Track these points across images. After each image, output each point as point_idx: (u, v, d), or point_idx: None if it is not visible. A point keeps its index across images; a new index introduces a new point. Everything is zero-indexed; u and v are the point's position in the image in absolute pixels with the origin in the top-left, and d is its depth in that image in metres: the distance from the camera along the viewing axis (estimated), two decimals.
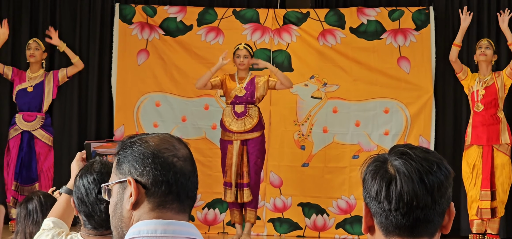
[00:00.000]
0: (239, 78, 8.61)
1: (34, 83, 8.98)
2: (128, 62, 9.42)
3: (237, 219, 8.59)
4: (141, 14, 9.46)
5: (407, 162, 1.86)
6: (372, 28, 9.26)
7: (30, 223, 3.79)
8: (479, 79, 8.53)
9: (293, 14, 9.41)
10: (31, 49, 8.96)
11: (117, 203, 1.98)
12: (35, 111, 8.96)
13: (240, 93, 8.55)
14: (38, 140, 8.90)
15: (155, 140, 1.97)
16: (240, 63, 8.56)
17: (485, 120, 8.44)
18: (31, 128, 8.91)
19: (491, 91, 8.45)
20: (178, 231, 1.90)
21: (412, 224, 1.86)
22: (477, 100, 8.49)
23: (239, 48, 8.62)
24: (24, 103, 8.95)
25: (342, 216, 9.15)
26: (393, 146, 1.94)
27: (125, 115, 9.39)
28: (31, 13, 9.63)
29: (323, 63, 9.31)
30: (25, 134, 8.90)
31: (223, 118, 8.58)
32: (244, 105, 8.53)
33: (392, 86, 9.21)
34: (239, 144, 8.45)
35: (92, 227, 2.97)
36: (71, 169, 3.26)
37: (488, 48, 8.55)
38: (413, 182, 1.84)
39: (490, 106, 8.43)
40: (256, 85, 8.57)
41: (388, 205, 1.85)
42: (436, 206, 1.87)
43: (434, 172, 1.86)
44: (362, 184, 1.92)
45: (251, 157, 8.48)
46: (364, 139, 9.23)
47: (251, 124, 8.49)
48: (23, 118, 8.93)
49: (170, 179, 1.92)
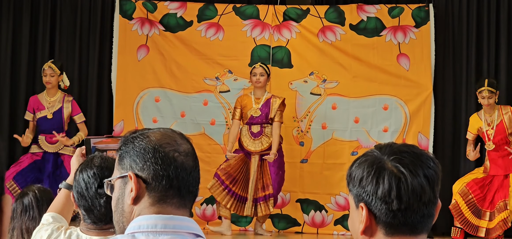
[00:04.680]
0: (256, 98, 8.75)
1: (53, 111, 8.94)
2: (128, 58, 9.43)
3: (228, 214, 8.63)
4: (141, 9, 9.46)
5: (407, 159, 1.87)
6: (372, 25, 9.26)
7: (26, 219, 3.76)
8: (485, 118, 8.54)
9: (293, 11, 9.41)
10: (47, 76, 8.86)
11: (119, 198, 1.99)
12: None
13: (255, 114, 8.71)
14: (65, 155, 8.88)
15: (157, 135, 1.98)
16: (256, 80, 8.70)
17: (499, 153, 8.49)
18: (56, 149, 8.89)
19: (500, 130, 8.48)
20: (178, 226, 1.91)
21: (419, 220, 1.87)
22: (489, 139, 8.51)
23: (256, 67, 8.77)
24: (45, 129, 8.91)
25: (341, 212, 9.16)
26: (378, 145, 1.94)
27: (124, 110, 9.39)
28: (32, 8, 9.62)
29: (322, 59, 9.32)
30: (49, 155, 8.89)
31: (241, 139, 8.73)
32: (260, 126, 8.67)
33: (392, 83, 9.22)
34: (257, 159, 8.60)
35: (91, 222, 2.97)
36: (70, 164, 3.26)
37: (490, 98, 8.44)
38: (420, 178, 1.86)
39: (501, 143, 8.48)
40: (271, 107, 8.71)
41: (398, 204, 1.84)
42: (435, 200, 1.89)
43: (432, 167, 1.88)
44: (357, 186, 1.90)
45: (272, 169, 8.61)
46: (363, 136, 9.24)
47: (268, 143, 8.65)
48: (46, 140, 8.92)
49: (171, 173, 1.93)
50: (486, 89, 8.41)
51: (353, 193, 1.92)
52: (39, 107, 8.96)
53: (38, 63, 9.50)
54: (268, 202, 8.56)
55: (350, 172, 1.93)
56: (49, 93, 9.00)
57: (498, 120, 8.48)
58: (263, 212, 8.57)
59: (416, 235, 1.88)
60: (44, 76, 8.89)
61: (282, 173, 8.76)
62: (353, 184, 1.91)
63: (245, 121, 8.74)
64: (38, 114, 8.94)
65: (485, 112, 8.56)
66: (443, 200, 1.99)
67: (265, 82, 8.75)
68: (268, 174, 8.59)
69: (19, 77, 9.45)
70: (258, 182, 8.58)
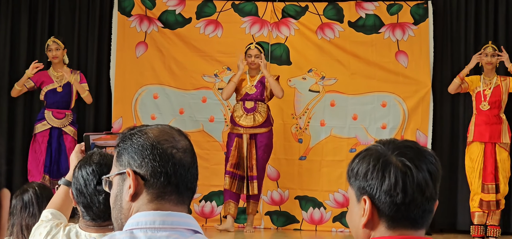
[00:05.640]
0: (250, 76, 8.82)
1: (63, 83, 9.10)
2: (126, 55, 9.43)
3: (233, 211, 8.67)
4: (140, 6, 9.46)
5: (411, 154, 1.89)
6: (371, 22, 9.26)
7: (26, 215, 3.76)
8: (485, 80, 8.66)
9: (292, 8, 9.41)
10: (52, 50, 9.05)
11: (117, 194, 1.99)
12: (64, 109, 9.08)
13: (250, 91, 8.75)
14: (67, 135, 9.05)
15: (155, 131, 1.98)
16: (251, 62, 8.74)
17: (489, 119, 8.62)
18: (61, 125, 9.04)
19: (497, 92, 8.65)
20: (176, 222, 1.91)
21: (420, 215, 1.89)
22: (484, 99, 8.64)
23: (251, 47, 8.81)
24: (54, 102, 9.07)
25: (339, 209, 9.16)
26: (381, 140, 1.95)
27: (123, 107, 9.40)
28: (31, 6, 9.61)
29: (321, 56, 9.32)
30: (55, 130, 9.03)
31: (234, 114, 8.76)
32: (254, 102, 8.70)
33: (390, 80, 9.22)
34: (247, 137, 8.59)
35: (90, 218, 2.97)
36: (70, 161, 3.27)
37: (493, 56, 8.69)
38: (424, 173, 1.87)
39: (494, 106, 8.63)
40: (266, 84, 8.74)
41: (402, 198, 1.86)
42: (436, 196, 1.91)
43: (434, 163, 1.90)
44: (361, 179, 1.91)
45: (259, 151, 8.64)
46: (361, 133, 9.24)
47: (260, 120, 8.64)
48: (53, 114, 9.05)
49: (169, 170, 1.93)
50: (490, 46, 8.67)
51: (354, 186, 1.93)
52: (47, 80, 9.08)
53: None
54: (253, 183, 8.60)
55: (351, 166, 1.94)
56: (55, 68, 9.17)
57: (496, 83, 8.66)
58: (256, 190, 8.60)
59: (416, 230, 1.90)
60: (49, 52, 9.07)
61: (267, 156, 8.79)
62: (355, 177, 1.92)
63: (238, 98, 8.79)
64: (45, 88, 9.09)
65: (485, 76, 8.72)
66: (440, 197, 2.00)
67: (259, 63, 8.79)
68: (254, 155, 8.61)
69: (17, 75, 9.42)
70: (248, 160, 8.62)
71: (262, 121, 8.69)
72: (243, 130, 8.66)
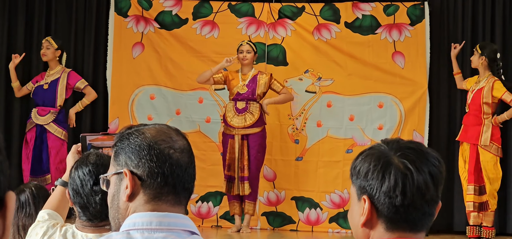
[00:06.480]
0: (242, 74, 8.82)
1: (50, 80, 9.13)
2: (123, 55, 9.42)
3: (237, 211, 8.74)
4: (136, 7, 9.45)
5: (414, 156, 1.88)
6: (367, 23, 9.27)
7: (22, 216, 3.76)
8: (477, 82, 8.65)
9: (288, 8, 9.41)
10: (43, 48, 9.09)
11: (115, 194, 1.99)
12: (49, 106, 9.09)
13: (241, 90, 8.75)
14: (50, 133, 9.04)
15: (152, 131, 1.98)
16: (243, 57, 8.74)
17: (469, 120, 8.61)
18: (43, 122, 9.04)
19: (476, 96, 8.55)
20: (173, 223, 1.91)
21: (419, 218, 1.88)
22: (468, 100, 8.66)
23: (243, 44, 8.83)
24: (39, 99, 9.12)
25: (336, 210, 9.17)
26: (385, 140, 1.94)
27: (119, 108, 9.39)
28: (27, 6, 9.60)
29: (317, 57, 9.32)
30: (38, 127, 9.05)
31: (225, 114, 8.76)
32: (245, 102, 8.71)
33: (387, 81, 9.22)
34: (239, 138, 8.58)
35: (87, 219, 2.97)
36: (66, 161, 3.27)
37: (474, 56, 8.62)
38: (425, 175, 1.86)
39: (474, 107, 8.56)
40: (258, 83, 8.77)
41: (401, 200, 1.85)
42: (437, 199, 1.90)
43: (437, 165, 1.89)
44: (362, 179, 1.91)
45: (252, 151, 8.66)
46: (358, 133, 9.25)
47: (252, 120, 8.67)
48: (37, 112, 9.08)
49: (166, 170, 1.93)
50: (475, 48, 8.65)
51: (356, 185, 1.93)
52: (40, 80, 9.19)
53: (33, 62, 9.50)
54: (243, 184, 8.61)
55: (354, 164, 1.94)
56: (50, 67, 9.19)
57: (480, 86, 8.56)
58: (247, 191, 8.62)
59: (415, 232, 1.89)
60: (41, 50, 9.08)
61: (261, 156, 8.78)
62: (357, 176, 1.92)
63: (231, 97, 8.80)
64: (37, 84, 9.16)
65: (479, 76, 8.69)
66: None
67: (252, 60, 8.83)
68: (246, 156, 8.62)
69: None
70: (240, 161, 8.63)
71: (254, 121, 8.69)
72: (235, 130, 8.66)
